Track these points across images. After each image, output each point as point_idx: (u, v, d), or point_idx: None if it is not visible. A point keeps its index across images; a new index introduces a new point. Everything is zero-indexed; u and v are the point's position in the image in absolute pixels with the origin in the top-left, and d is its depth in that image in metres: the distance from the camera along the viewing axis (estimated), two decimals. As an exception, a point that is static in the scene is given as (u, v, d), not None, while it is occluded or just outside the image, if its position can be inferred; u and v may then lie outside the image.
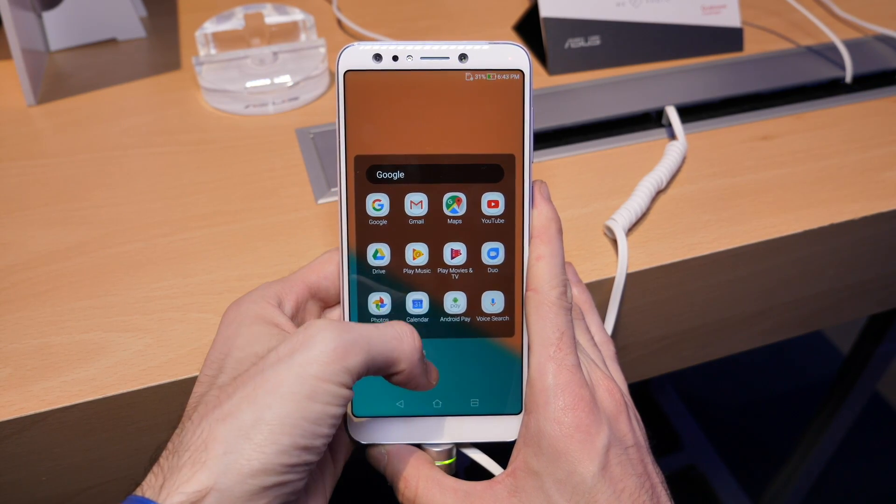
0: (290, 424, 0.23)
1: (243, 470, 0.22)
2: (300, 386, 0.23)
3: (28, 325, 0.34)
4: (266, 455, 0.23)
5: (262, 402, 0.23)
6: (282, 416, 0.23)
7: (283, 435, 0.23)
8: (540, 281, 0.28)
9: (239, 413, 0.23)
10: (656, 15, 0.53)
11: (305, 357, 0.23)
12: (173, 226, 0.39)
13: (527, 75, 0.28)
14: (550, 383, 0.27)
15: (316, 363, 0.23)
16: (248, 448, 0.23)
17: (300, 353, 0.24)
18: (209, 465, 0.22)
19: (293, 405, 0.23)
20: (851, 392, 0.78)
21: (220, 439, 0.23)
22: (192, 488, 0.22)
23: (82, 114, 0.48)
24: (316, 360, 0.23)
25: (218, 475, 0.22)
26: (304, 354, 0.23)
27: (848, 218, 0.41)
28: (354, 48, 0.28)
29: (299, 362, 0.23)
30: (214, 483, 0.22)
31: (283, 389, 0.23)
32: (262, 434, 0.23)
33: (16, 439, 0.31)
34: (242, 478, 0.22)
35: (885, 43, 0.56)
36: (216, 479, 0.22)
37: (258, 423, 0.23)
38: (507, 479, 0.28)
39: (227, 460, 0.22)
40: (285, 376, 0.23)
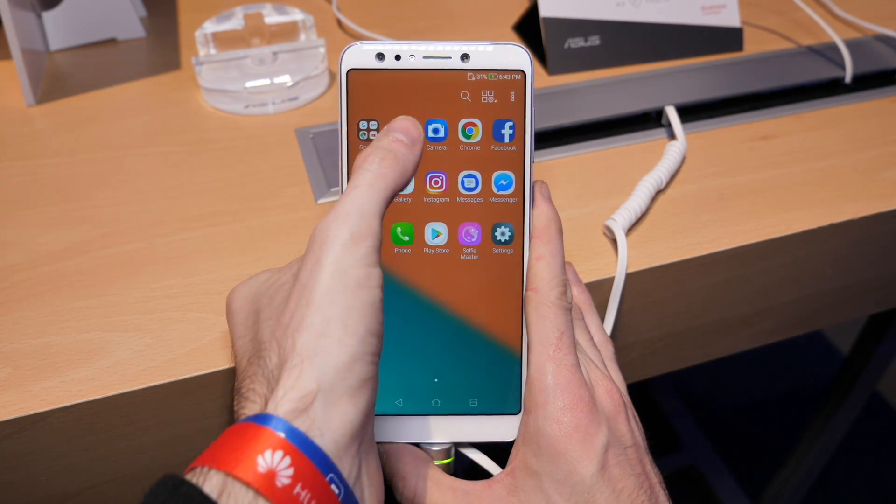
0: (357, 312, 0.24)
1: (337, 366, 0.23)
2: (344, 280, 0.24)
3: (28, 325, 0.34)
4: (350, 346, 0.23)
5: (322, 304, 0.24)
6: (344, 310, 0.24)
7: (356, 324, 0.24)
8: (540, 281, 0.28)
9: (306, 320, 0.24)
10: (656, 15, 0.53)
11: (333, 255, 0.24)
12: (173, 226, 0.39)
13: (528, 76, 0.28)
14: (550, 383, 0.27)
15: (346, 255, 0.24)
16: (331, 345, 0.23)
17: (326, 254, 0.24)
18: (306, 371, 0.23)
19: (348, 296, 0.24)
20: (851, 392, 0.78)
21: (305, 346, 0.23)
22: (298, 394, 0.23)
23: (82, 114, 0.48)
24: (344, 252, 0.24)
25: (318, 377, 0.23)
26: (331, 253, 0.24)
27: (847, 218, 0.41)
28: (357, 47, 0.28)
29: (331, 261, 0.24)
30: (317, 385, 0.23)
31: (333, 287, 0.24)
32: (338, 329, 0.23)
33: (16, 439, 0.31)
34: (340, 373, 0.23)
35: (885, 43, 0.56)
36: (318, 381, 0.23)
37: (329, 322, 0.23)
38: (506, 479, 0.28)
39: (319, 362, 0.23)
40: (327, 279, 0.24)
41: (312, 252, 0.25)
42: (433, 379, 0.29)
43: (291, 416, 0.22)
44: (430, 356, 0.29)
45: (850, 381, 0.78)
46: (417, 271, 0.29)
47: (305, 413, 0.22)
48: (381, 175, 0.26)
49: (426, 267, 0.29)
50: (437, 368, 0.29)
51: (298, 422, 0.22)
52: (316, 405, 0.23)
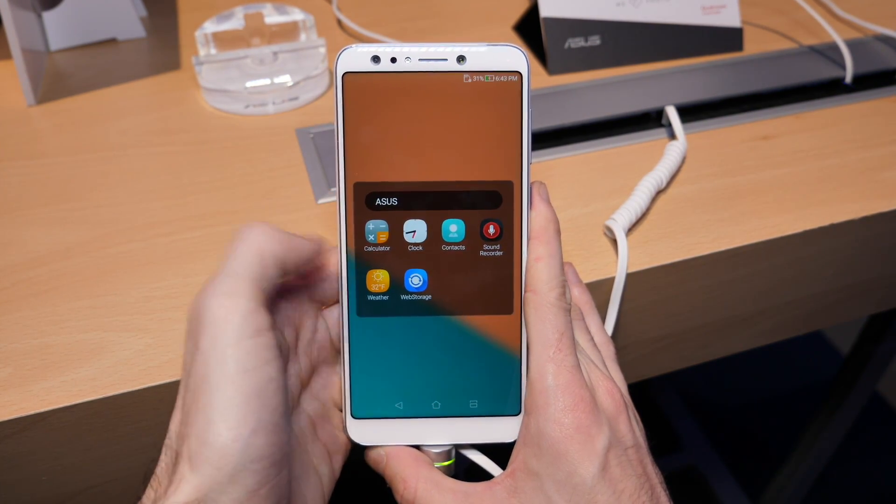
0: (239, 409, 0.22)
1: (218, 477, 0.22)
2: (225, 365, 0.23)
3: (28, 325, 0.34)
4: (232, 456, 0.22)
5: (203, 400, 0.23)
6: (226, 405, 0.22)
7: (238, 426, 0.22)
8: (539, 282, 0.28)
9: (192, 422, 0.23)
10: (656, 15, 0.53)
11: (209, 336, 0.23)
12: (173, 226, 0.39)
13: (525, 77, 0.28)
14: (550, 384, 0.27)
15: (220, 333, 0.23)
16: (213, 455, 0.22)
17: (202, 336, 0.23)
18: (190, 480, 0.22)
19: (231, 387, 0.22)
20: (851, 392, 0.78)
21: (189, 452, 0.23)
22: (181, 500, 0.22)
23: (82, 114, 0.48)
24: (217, 330, 0.23)
25: (200, 485, 0.22)
26: (206, 334, 0.23)
27: (848, 218, 0.41)
28: (353, 50, 0.28)
29: (207, 344, 0.23)
30: (203, 494, 0.22)
31: (214, 377, 0.23)
32: (218, 434, 0.22)
33: (16, 439, 0.31)
34: (221, 485, 0.22)
35: (885, 43, 0.56)
36: (200, 490, 0.22)
37: (210, 424, 0.22)
38: (507, 480, 0.28)
39: (203, 470, 0.22)
40: (205, 365, 0.23)
41: (191, 336, 0.24)
42: (433, 381, 0.29)
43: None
44: (430, 358, 0.29)
45: (850, 381, 0.78)
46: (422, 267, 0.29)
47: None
48: (258, 245, 0.25)
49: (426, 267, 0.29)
50: (437, 370, 0.29)
51: None
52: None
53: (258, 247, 0.25)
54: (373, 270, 0.29)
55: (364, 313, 0.29)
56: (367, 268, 0.29)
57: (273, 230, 0.26)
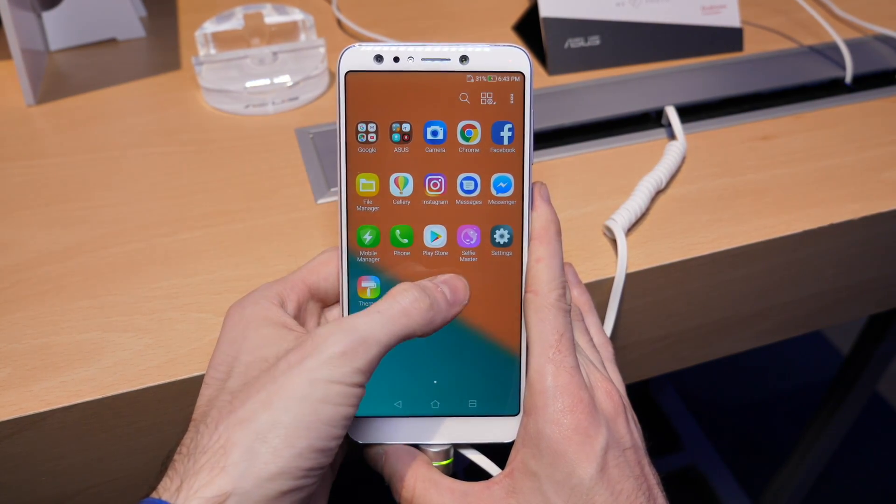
0: (306, 427, 0.23)
1: (262, 474, 0.23)
2: (313, 390, 0.24)
3: (28, 325, 0.34)
4: (283, 459, 0.23)
5: (278, 407, 0.23)
6: (297, 420, 0.23)
7: (299, 438, 0.23)
8: (539, 283, 0.28)
9: (255, 418, 0.23)
10: (656, 15, 0.53)
11: (316, 361, 0.24)
12: (173, 226, 0.39)
13: (527, 77, 0.28)
14: (549, 385, 0.27)
15: (327, 367, 0.24)
16: (266, 452, 0.23)
17: (311, 358, 0.24)
18: (228, 470, 0.23)
19: (308, 408, 0.23)
20: (851, 392, 0.78)
21: (237, 444, 0.23)
22: (211, 493, 0.22)
23: (82, 114, 0.48)
24: (327, 363, 0.24)
25: (237, 479, 0.22)
26: (315, 359, 0.24)
27: (848, 218, 0.41)
28: (355, 49, 0.28)
29: (310, 367, 0.24)
30: (233, 488, 0.22)
31: (297, 394, 0.23)
32: (279, 438, 0.23)
33: (16, 439, 0.31)
34: (261, 482, 0.23)
35: (885, 43, 0.56)
36: (235, 484, 0.22)
37: (275, 427, 0.23)
38: (505, 480, 0.28)
39: (245, 465, 0.23)
40: (298, 382, 0.24)
41: (302, 350, 0.24)
42: (432, 380, 0.29)
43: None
44: (430, 358, 0.29)
45: (850, 381, 0.78)
46: (416, 274, 0.29)
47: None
48: (405, 313, 0.26)
49: (425, 269, 0.29)
50: (437, 370, 0.29)
51: None
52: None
53: (404, 328, 0.26)
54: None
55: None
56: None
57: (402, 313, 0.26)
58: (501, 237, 0.29)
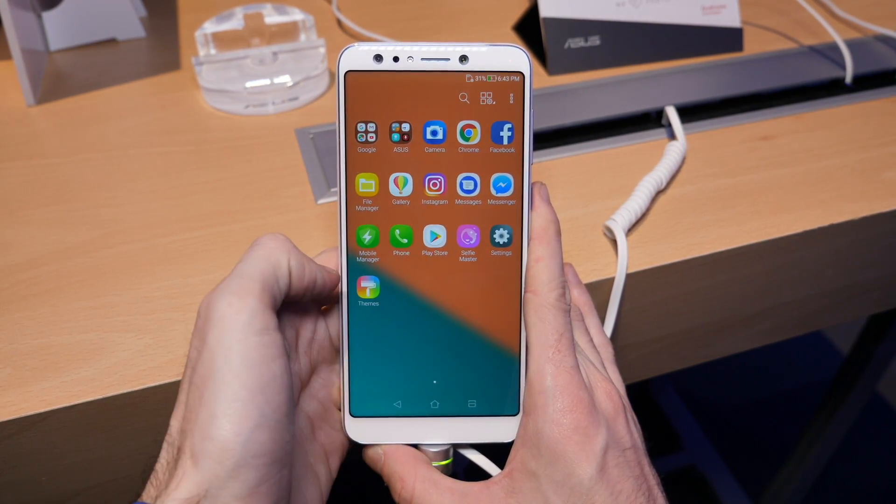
0: (241, 407, 0.23)
1: (219, 472, 0.22)
2: (230, 360, 0.23)
3: (28, 325, 0.34)
4: (235, 450, 0.22)
5: (208, 395, 0.23)
6: (228, 404, 0.23)
7: (240, 422, 0.23)
8: (539, 283, 0.28)
9: (197, 417, 0.23)
10: (656, 15, 0.53)
11: (217, 331, 0.23)
12: (173, 226, 0.39)
13: (527, 77, 0.28)
14: (549, 385, 0.27)
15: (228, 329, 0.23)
16: (215, 450, 0.22)
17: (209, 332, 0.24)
18: (191, 474, 0.23)
19: (235, 382, 0.23)
20: (851, 392, 0.78)
21: (192, 446, 0.23)
22: (184, 494, 0.22)
23: (82, 114, 0.48)
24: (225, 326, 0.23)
25: (202, 481, 0.22)
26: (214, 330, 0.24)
27: (848, 218, 0.41)
28: (355, 49, 0.28)
29: (214, 339, 0.23)
30: (205, 490, 0.22)
31: (218, 372, 0.23)
32: (222, 430, 0.22)
33: (16, 439, 0.31)
34: (222, 480, 0.22)
35: (885, 43, 0.56)
36: (202, 485, 0.22)
37: (213, 419, 0.23)
38: (504, 480, 0.28)
39: (205, 465, 0.22)
40: (212, 360, 0.23)
41: (198, 333, 0.24)
42: (432, 380, 0.29)
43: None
44: (429, 358, 0.29)
45: (850, 381, 0.78)
46: (416, 274, 0.29)
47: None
48: (273, 252, 0.26)
49: (425, 269, 0.29)
50: (436, 370, 0.29)
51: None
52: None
53: (272, 254, 0.26)
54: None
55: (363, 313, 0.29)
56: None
57: (289, 245, 0.27)
58: (501, 237, 0.29)
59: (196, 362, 0.24)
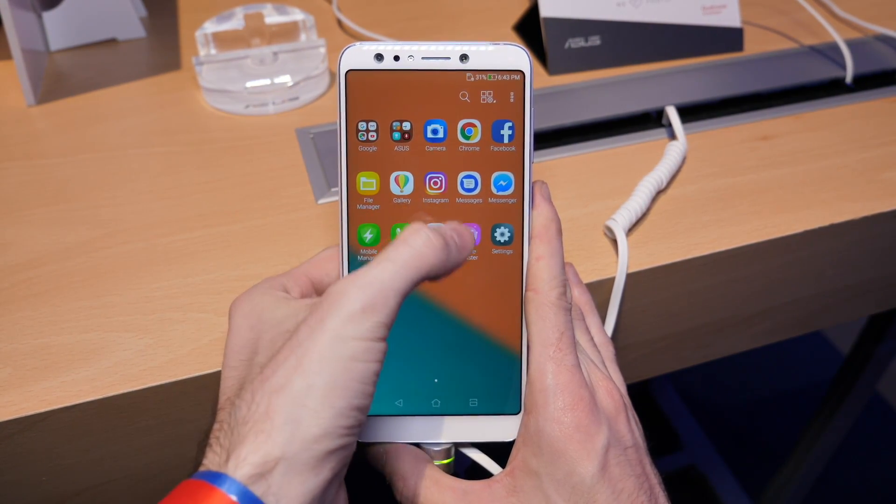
0: (341, 387, 0.23)
1: (307, 436, 0.23)
2: (340, 349, 0.23)
3: (28, 325, 0.34)
4: (325, 419, 0.23)
5: (309, 370, 0.23)
6: (330, 381, 0.23)
7: (336, 398, 0.23)
8: (540, 281, 0.28)
9: (289, 384, 0.23)
10: (656, 15, 0.53)
11: (337, 320, 0.24)
12: (173, 226, 0.39)
13: (527, 76, 0.28)
14: (550, 383, 0.27)
15: (349, 324, 0.24)
16: (307, 415, 0.23)
17: (331, 317, 0.24)
18: (273, 436, 0.23)
19: (339, 367, 0.23)
20: (851, 392, 0.78)
21: (278, 410, 0.23)
22: (260, 458, 0.22)
23: (82, 114, 0.48)
24: (349, 321, 0.24)
25: (284, 444, 0.23)
26: (336, 317, 0.24)
27: (848, 218, 0.41)
28: (356, 48, 0.28)
29: (333, 326, 0.24)
30: (282, 452, 0.23)
31: (326, 355, 0.23)
32: (317, 400, 0.23)
33: (16, 439, 0.31)
34: (307, 444, 0.23)
35: (885, 43, 0.56)
36: (283, 449, 0.23)
37: (311, 390, 0.23)
38: (506, 479, 0.28)
39: (289, 429, 0.23)
40: (323, 342, 0.24)
41: (320, 311, 0.24)
42: (433, 379, 0.29)
43: (249, 481, 0.22)
44: (431, 357, 0.29)
45: (850, 381, 0.78)
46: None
47: (264, 479, 0.22)
48: (420, 255, 0.25)
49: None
50: (437, 369, 0.29)
51: (255, 486, 0.22)
52: (276, 472, 0.22)
53: (417, 270, 0.25)
54: None
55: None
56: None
57: (424, 256, 0.26)
58: (502, 235, 0.29)
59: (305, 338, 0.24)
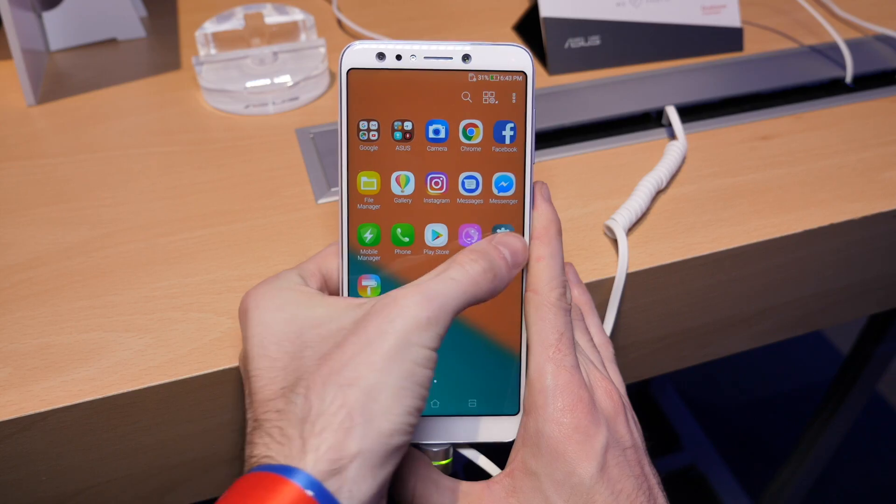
0: (408, 387, 0.24)
1: (382, 431, 0.23)
2: (407, 353, 0.24)
3: (28, 325, 0.34)
4: (395, 415, 0.24)
5: (382, 368, 0.24)
6: (399, 380, 0.24)
7: (405, 397, 0.24)
8: (540, 282, 0.28)
9: (362, 380, 0.24)
10: (656, 15, 0.53)
11: (406, 326, 0.24)
12: (173, 226, 0.39)
13: (530, 77, 0.28)
14: (549, 384, 0.27)
15: (416, 331, 0.24)
16: (379, 411, 0.23)
17: (399, 321, 0.24)
18: (352, 431, 0.23)
19: (406, 369, 0.24)
20: (851, 392, 0.78)
21: (354, 404, 0.23)
22: (338, 454, 0.23)
23: (82, 114, 0.48)
24: (416, 328, 0.24)
25: (360, 439, 0.23)
26: (405, 323, 0.24)
27: (848, 218, 0.41)
28: (358, 47, 0.28)
29: (402, 331, 0.24)
30: (359, 448, 0.23)
31: (396, 356, 0.24)
32: (389, 397, 0.24)
33: (16, 439, 0.31)
34: (382, 439, 0.23)
35: (885, 43, 0.56)
36: (360, 444, 0.23)
37: (384, 387, 0.24)
38: (505, 480, 0.28)
39: (366, 424, 0.23)
40: (393, 345, 0.24)
41: (385, 312, 0.25)
42: (432, 380, 0.29)
43: (324, 476, 0.22)
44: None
45: (850, 381, 0.78)
46: (417, 273, 0.29)
47: (339, 474, 0.22)
48: (474, 282, 0.26)
49: (426, 268, 0.29)
50: (437, 369, 0.29)
51: (330, 482, 0.22)
52: (352, 468, 0.23)
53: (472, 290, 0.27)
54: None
55: None
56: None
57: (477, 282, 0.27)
58: None
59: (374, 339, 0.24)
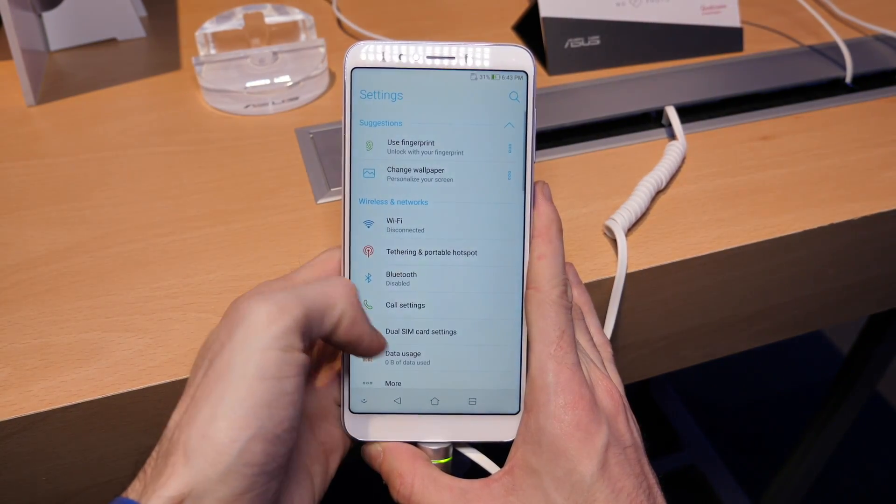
0: (248, 413, 0.22)
1: (210, 474, 0.22)
2: (247, 366, 0.23)
3: (28, 325, 0.34)
4: (227, 456, 0.22)
5: (214, 394, 0.23)
6: (234, 408, 0.22)
7: (240, 428, 0.22)
8: (541, 280, 0.28)
9: (199, 413, 0.23)
10: (656, 15, 0.53)
11: (243, 333, 0.23)
12: (173, 226, 0.39)
13: (531, 77, 0.28)
14: (551, 381, 0.27)
15: (255, 335, 0.23)
16: (209, 449, 0.22)
17: (237, 330, 0.23)
18: (181, 471, 0.22)
19: (244, 388, 0.22)
20: (851, 392, 0.78)
21: (186, 442, 0.22)
22: (169, 493, 0.22)
23: (82, 114, 0.48)
24: (254, 331, 0.23)
25: (190, 481, 0.22)
26: (242, 331, 0.23)
27: (848, 218, 0.41)
28: (362, 46, 0.28)
29: (239, 339, 0.23)
30: (189, 489, 0.22)
31: (230, 375, 0.23)
32: (221, 431, 0.22)
33: (16, 439, 0.31)
34: (211, 483, 0.22)
35: (885, 43, 0.56)
36: (190, 485, 0.22)
37: (214, 419, 0.22)
38: (505, 478, 0.28)
39: (196, 463, 0.22)
40: (230, 359, 0.23)
41: (229, 316, 0.24)
42: (432, 378, 0.29)
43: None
44: (430, 355, 0.29)
45: (850, 381, 0.78)
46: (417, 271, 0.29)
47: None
48: (328, 293, 0.25)
49: (426, 266, 0.29)
50: (437, 367, 0.29)
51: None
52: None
53: (332, 296, 0.25)
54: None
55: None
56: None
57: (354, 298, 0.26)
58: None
59: (216, 357, 0.24)
